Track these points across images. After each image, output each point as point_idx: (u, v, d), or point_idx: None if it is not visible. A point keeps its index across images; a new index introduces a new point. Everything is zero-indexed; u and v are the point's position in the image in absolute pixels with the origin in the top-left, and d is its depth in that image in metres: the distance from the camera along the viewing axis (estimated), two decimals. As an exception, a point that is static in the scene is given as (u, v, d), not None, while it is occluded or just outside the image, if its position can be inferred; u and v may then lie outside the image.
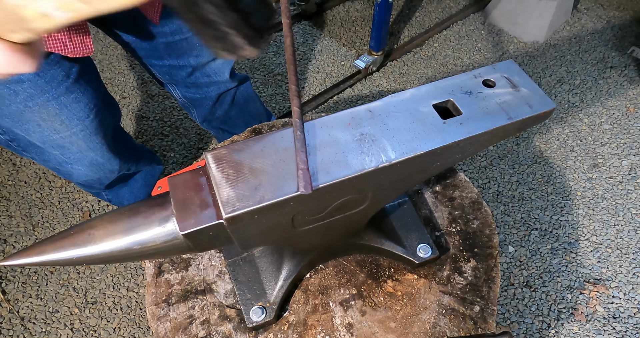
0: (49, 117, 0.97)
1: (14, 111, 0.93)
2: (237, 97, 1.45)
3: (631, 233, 1.77)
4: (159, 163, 1.61)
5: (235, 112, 1.49)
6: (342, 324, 0.80)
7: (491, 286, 0.83)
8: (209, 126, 1.55)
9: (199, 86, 1.30)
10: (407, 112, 0.62)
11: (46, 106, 0.95)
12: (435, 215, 0.92)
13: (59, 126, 1.01)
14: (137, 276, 1.66)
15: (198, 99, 1.37)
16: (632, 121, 2.13)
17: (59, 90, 0.94)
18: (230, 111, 1.46)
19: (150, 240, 0.58)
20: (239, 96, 1.45)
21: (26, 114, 0.94)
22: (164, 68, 1.20)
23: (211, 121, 1.50)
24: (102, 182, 1.33)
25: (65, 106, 0.97)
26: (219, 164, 0.57)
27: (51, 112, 0.97)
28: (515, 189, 1.91)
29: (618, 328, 1.55)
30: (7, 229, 1.75)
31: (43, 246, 0.58)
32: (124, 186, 1.49)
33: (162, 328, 0.80)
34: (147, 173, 1.54)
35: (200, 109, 1.43)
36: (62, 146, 1.07)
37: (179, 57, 1.15)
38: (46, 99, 0.93)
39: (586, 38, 2.51)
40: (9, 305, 1.58)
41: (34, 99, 0.92)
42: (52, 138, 1.04)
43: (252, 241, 0.64)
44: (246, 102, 1.50)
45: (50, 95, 0.93)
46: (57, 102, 0.96)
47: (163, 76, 1.25)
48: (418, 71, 2.35)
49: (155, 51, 1.13)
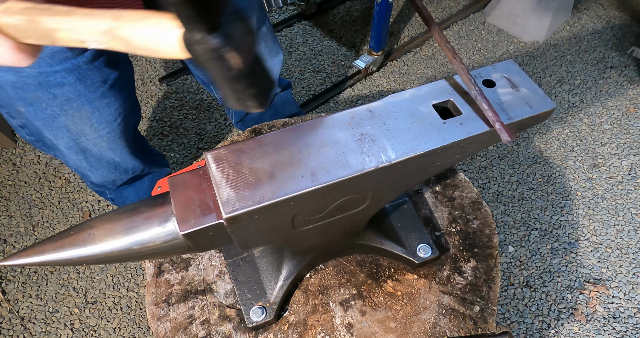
0: (80, 120, 0.98)
1: (48, 114, 0.93)
2: (276, 101, 1.48)
3: (631, 233, 1.77)
4: (167, 166, 1.62)
5: (271, 114, 1.52)
6: (342, 324, 0.80)
7: (491, 286, 0.83)
8: (242, 126, 1.59)
9: None
10: (407, 112, 0.62)
11: (80, 110, 0.95)
12: (435, 215, 0.92)
13: (87, 129, 1.01)
14: (137, 276, 1.66)
15: None
16: (632, 121, 2.13)
17: (95, 95, 0.94)
18: (267, 113, 1.50)
19: (150, 240, 0.58)
20: (278, 100, 1.48)
21: (60, 118, 0.95)
22: None
23: (246, 121, 1.54)
24: (115, 183, 1.34)
25: (97, 109, 0.98)
26: (219, 164, 0.57)
27: (83, 115, 0.97)
28: (515, 189, 1.91)
29: (618, 328, 1.55)
30: (7, 229, 1.75)
31: (43, 246, 0.58)
32: (129, 186, 1.49)
33: (162, 328, 0.80)
34: (155, 175, 1.54)
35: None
36: (85, 149, 1.08)
37: None
38: (81, 103, 0.94)
39: (586, 38, 2.51)
40: (9, 305, 1.58)
41: (70, 103, 0.92)
42: (78, 141, 1.04)
43: (252, 241, 0.64)
44: (283, 106, 1.54)
45: (85, 99, 0.94)
46: (91, 106, 0.96)
47: (206, 76, 1.27)
48: (418, 71, 2.35)
49: None
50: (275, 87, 0.49)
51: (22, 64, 0.48)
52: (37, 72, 0.83)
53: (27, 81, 0.84)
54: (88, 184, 1.45)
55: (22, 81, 0.83)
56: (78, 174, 1.27)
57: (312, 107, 2.15)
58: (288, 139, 0.59)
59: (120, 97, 1.02)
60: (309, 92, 2.23)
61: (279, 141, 0.59)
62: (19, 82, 0.84)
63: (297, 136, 0.60)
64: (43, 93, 0.88)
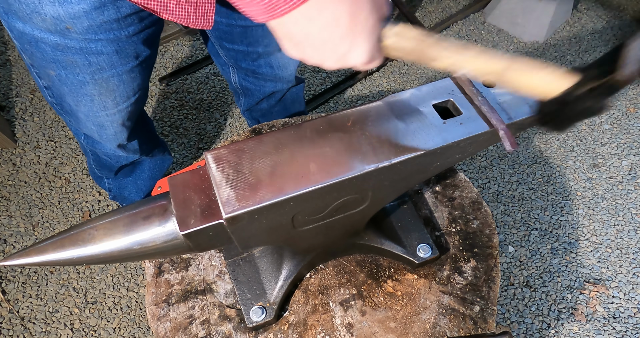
0: (106, 91, 1.01)
1: (79, 80, 0.95)
2: (287, 96, 1.49)
3: (631, 233, 1.77)
4: (169, 154, 1.62)
5: (279, 109, 1.53)
6: (342, 324, 0.80)
7: (491, 286, 0.83)
8: (248, 116, 1.61)
9: (259, 76, 1.34)
10: (407, 112, 0.62)
11: (108, 81, 0.98)
12: (435, 215, 0.92)
13: (110, 102, 1.04)
14: (137, 276, 1.66)
15: (251, 90, 1.41)
16: (632, 121, 2.13)
17: (125, 68, 0.97)
18: (275, 107, 1.51)
19: (150, 240, 0.58)
20: (289, 95, 1.49)
21: (88, 86, 0.97)
22: (232, 52, 1.24)
23: (253, 111, 1.55)
24: (119, 161, 1.36)
25: (123, 82, 1.01)
26: (219, 164, 0.57)
27: (110, 87, 1.00)
28: (515, 189, 1.91)
29: (618, 328, 1.55)
30: (7, 229, 1.75)
31: (43, 246, 0.58)
32: (128, 175, 1.49)
33: (162, 328, 0.80)
34: (156, 163, 1.54)
35: (249, 98, 1.47)
36: (102, 124, 1.11)
37: (249, 44, 1.18)
38: (111, 75, 0.96)
39: (586, 38, 2.51)
40: (9, 305, 1.58)
41: (101, 72, 0.95)
42: (97, 115, 1.07)
43: (252, 241, 0.64)
44: (292, 103, 1.55)
45: (115, 71, 0.96)
46: (119, 79, 0.99)
47: (229, 59, 1.30)
48: (418, 71, 2.35)
49: (230, 35, 1.17)
50: None
51: (374, 65, 0.54)
52: (83, 37, 0.85)
53: (70, 44, 0.86)
54: (90, 168, 1.45)
55: (66, 43, 0.86)
56: (85, 147, 1.30)
57: (312, 107, 2.15)
58: (288, 139, 0.59)
59: (143, 75, 1.06)
60: (309, 92, 2.23)
61: (279, 141, 0.59)
62: (62, 44, 0.86)
63: (297, 135, 0.60)
64: (80, 58, 0.90)
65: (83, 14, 0.80)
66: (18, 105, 2.12)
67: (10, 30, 0.88)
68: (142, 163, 1.48)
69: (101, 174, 1.47)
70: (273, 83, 1.37)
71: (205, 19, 0.82)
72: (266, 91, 1.40)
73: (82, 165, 1.94)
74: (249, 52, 1.22)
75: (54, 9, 0.78)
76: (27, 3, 0.77)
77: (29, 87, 2.20)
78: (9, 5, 0.79)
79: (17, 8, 0.79)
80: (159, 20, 0.96)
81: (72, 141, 2.01)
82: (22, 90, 2.18)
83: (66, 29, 0.82)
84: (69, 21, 0.81)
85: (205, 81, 2.26)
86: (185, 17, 0.79)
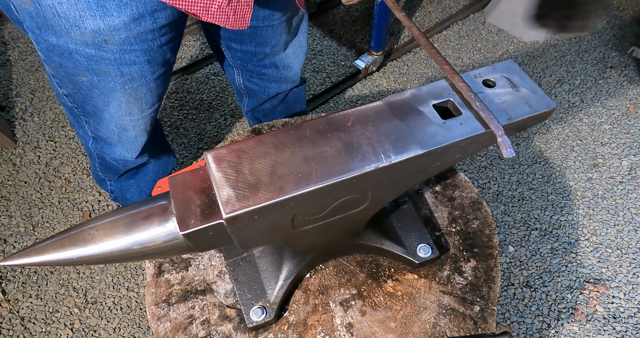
0: (134, 99, 1.02)
1: (109, 88, 0.96)
2: (289, 96, 1.50)
3: (631, 233, 1.77)
4: (174, 155, 1.62)
5: (281, 109, 1.54)
6: (342, 324, 0.80)
7: (491, 286, 0.83)
8: (251, 116, 1.61)
9: (263, 78, 1.34)
10: (407, 112, 0.62)
11: (137, 90, 0.99)
12: (435, 215, 0.92)
13: (136, 109, 1.05)
14: (137, 276, 1.66)
15: (255, 91, 1.42)
16: (632, 121, 2.13)
17: (153, 76, 0.98)
18: (277, 107, 1.52)
19: (150, 240, 0.58)
20: (291, 96, 1.51)
21: (117, 93, 0.98)
22: (239, 53, 1.25)
23: (256, 112, 1.56)
24: (127, 165, 1.36)
25: (150, 90, 1.02)
26: (219, 164, 0.57)
27: (138, 95, 1.01)
28: (515, 189, 1.91)
29: (618, 328, 1.55)
30: (7, 229, 1.75)
31: (43, 246, 0.58)
32: (131, 178, 1.49)
33: (162, 328, 0.80)
34: (160, 166, 1.54)
35: (253, 100, 1.48)
36: (124, 128, 1.11)
37: (258, 44, 1.19)
38: (141, 84, 0.98)
39: (586, 38, 2.51)
40: (9, 305, 1.58)
41: (132, 82, 0.96)
42: (122, 119, 1.08)
43: (252, 241, 0.64)
44: (294, 103, 1.56)
45: (145, 80, 0.97)
46: (147, 87, 1.00)
47: (235, 60, 1.30)
48: (418, 71, 2.35)
49: (240, 35, 1.17)
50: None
51: None
52: (119, 49, 0.86)
53: (105, 56, 0.87)
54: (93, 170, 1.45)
55: (101, 55, 0.87)
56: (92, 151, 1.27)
57: (312, 107, 2.15)
58: (288, 139, 0.59)
59: (166, 81, 1.07)
60: (309, 92, 2.23)
61: (279, 141, 0.59)
62: (96, 56, 0.87)
63: (297, 135, 0.60)
64: (113, 69, 0.91)
65: (122, 26, 0.81)
66: (18, 105, 2.12)
67: (38, 42, 0.87)
68: (147, 166, 1.48)
69: (104, 177, 1.47)
70: (277, 84, 1.37)
71: (243, 20, 0.85)
72: (270, 92, 1.41)
73: (82, 165, 1.94)
74: (257, 52, 1.22)
75: (95, 22, 0.79)
76: (67, 18, 0.77)
77: (29, 87, 2.20)
78: (46, 20, 0.79)
79: (55, 23, 0.79)
80: (184, 27, 0.97)
81: (72, 141, 2.01)
82: (22, 90, 2.18)
83: (104, 41, 0.83)
84: (108, 33, 0.82)
85: (205, 81, 2.26)
86: (225, 19, 0.82)
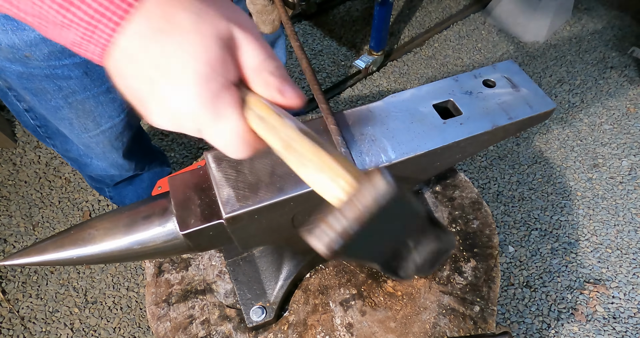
0: (83, 114, 0.99)
1: (52, 106, 0.94)
2: None
3: (631, 233, 1.77)
4: (168, 165, 1.62)
5: None
6: (342, 324, 0.80)
7: (491, 286, 0.83)
8: None
9: None
10: (407, 112, 0.62)
11: (83, 103, 0.96)
12: (436, 215, 0.92)
13: (90, 124, 1.02)
14: (137, 276, 1.66)
15: None
16: (632, 121, 2.13)
17: (100, 89, 0.95)
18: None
19: (150, 240, 0.58)
20: None
21: (64, 110, 0.95)
22: None
23: None
24: (114, 179, 1.34)
25: (101, 104, 0.98)
26: (219, 164, 0.57)
27: (87, 109, 0.98)
28: (515, 189, 1.91)
29: (618, 329, 1.55)
30: (7, 229, 1.75)
31: (43, 246, 0.58)
32: (128, 185, 1.49)
33: (162, 328, 0.80)
34: (156, 173, 1.54)
35: None
36: (87, 145, 1.09)
37: None
38: (86, 97, 0.95)
39: (586, 38, 2.51)
40: (9, 305, 1.58)
41: (75, 95, 0.93)
42: (81, 137, 1.05)
43: (252, 241, 0.64)
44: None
45: (90, 93, 0.94)
46: (95, 101, 0.97)
47: None
48: (418, 71, 2.35)
49: None
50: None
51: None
52: (46, 65, 0.83)
53: (35, 72, 0.84)
54: (87, 179, 1.45)
55: (30, 72, 0.83)
56: (76, 166, 1.27)
57: (312, 108, 2.15)
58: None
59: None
60: (309, 92, 2.23)
61: (279, 141, 0.59)
62: (25, 73, 0.84)
63: (297, 136, 0.60)
64: (49, 84, 0.88)
65: (40, 41, 0.77)
66: (18, 105, 2.12)
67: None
68: (140, 175, 1.48)
69: (100, 186, 1.47)
70: None
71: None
72: None
73: (82, 165, 1.94)
74: None
75: (7, 37, 0.74)
76: None
77: (29, 87, 2.20)
78: None
79: None
80: None
81: (72, 141, 2.02)
82: (22, 90, 2.18)
83: (25, 57, 0.78)
84: (26, 49, 0.77)
85: (205, 80, 2.26)
86: None
